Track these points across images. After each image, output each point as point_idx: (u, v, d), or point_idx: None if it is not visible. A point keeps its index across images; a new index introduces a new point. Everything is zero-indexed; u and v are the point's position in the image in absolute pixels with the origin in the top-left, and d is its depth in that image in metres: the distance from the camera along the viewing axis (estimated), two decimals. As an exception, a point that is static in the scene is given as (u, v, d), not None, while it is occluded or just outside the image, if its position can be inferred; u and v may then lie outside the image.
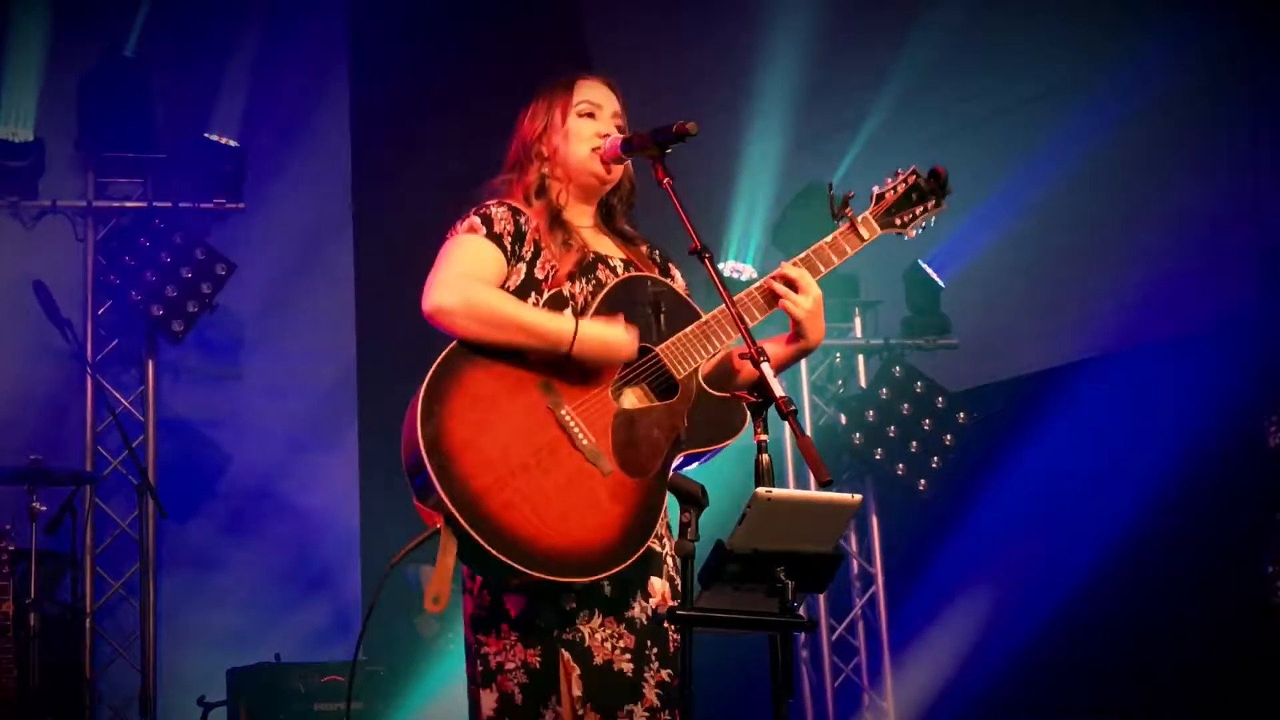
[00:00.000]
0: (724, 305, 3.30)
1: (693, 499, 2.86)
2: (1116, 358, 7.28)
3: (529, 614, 3.22)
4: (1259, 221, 7.03)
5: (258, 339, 8.23)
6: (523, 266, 3.40)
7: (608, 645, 3.25)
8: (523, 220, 3.44)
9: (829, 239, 3.51)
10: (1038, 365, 7.56)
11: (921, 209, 3.61)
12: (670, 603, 3.29)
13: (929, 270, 7.66)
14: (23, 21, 7.18)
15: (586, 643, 3.24)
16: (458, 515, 3.05)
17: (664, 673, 3.28)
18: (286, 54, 7.87)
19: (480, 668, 3.26)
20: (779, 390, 3.06)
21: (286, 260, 8.22)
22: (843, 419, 7.59)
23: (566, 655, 3.22)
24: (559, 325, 3.26)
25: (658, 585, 3.33)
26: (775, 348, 3.45)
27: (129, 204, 7.50)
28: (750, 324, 3.31)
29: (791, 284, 3.40)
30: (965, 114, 7.51)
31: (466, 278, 3.29)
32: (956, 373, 7.72)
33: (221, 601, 7.89)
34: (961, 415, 7.46)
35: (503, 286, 3.38)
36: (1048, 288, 7.52)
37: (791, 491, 2.86)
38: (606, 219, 3.62)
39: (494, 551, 3.05)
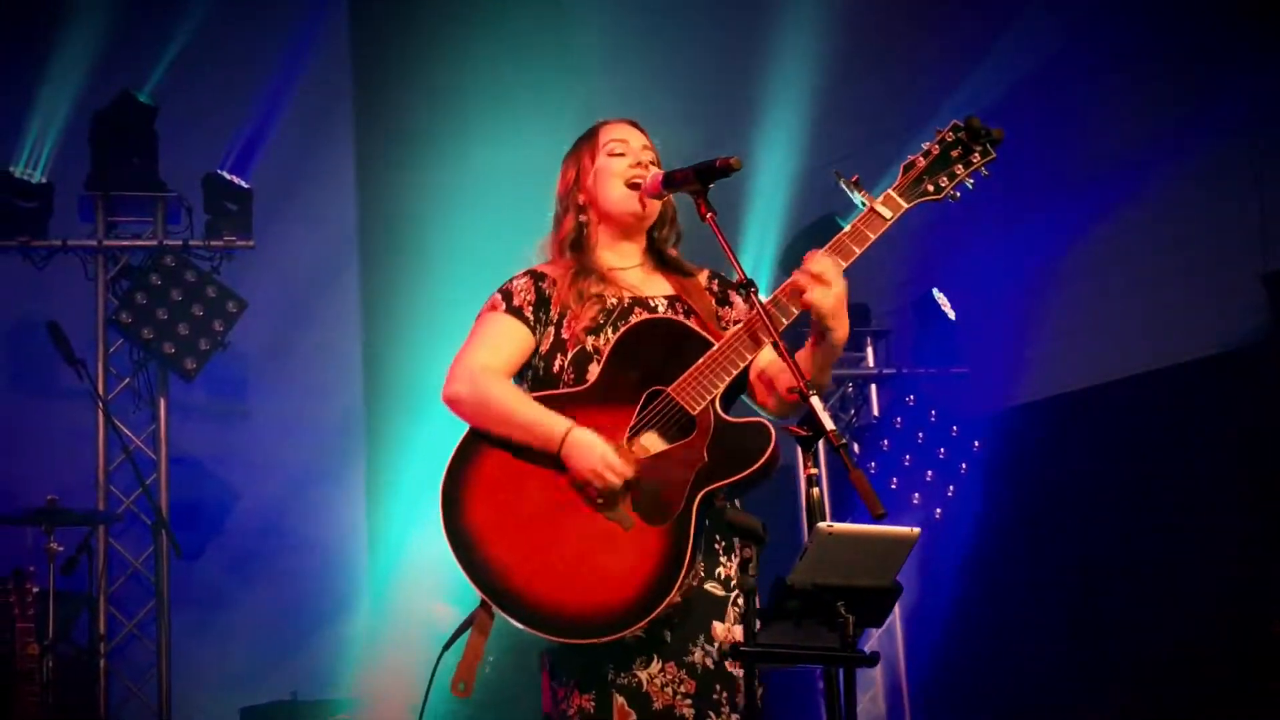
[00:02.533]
0: (733, 331, 3.27)
1: (753, 535, 2.86)
2: (1128, 382, 7.29)
3: (587, 659, 3.24)
4: (1266, 246, 7.06)
5: (265, 376, 8.24)
6: (552, 330, 3.44)
7: (668, 691, 3.25)
8: (545, 285, 3.48)
9: (847, 228, 3.29)
10: (1051, 390, 7.57)
11: (964, 165, 3.31)
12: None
13: (941, 300, 7.66)
14: (58, 70, 7.20)
15: (645, 688, 3.24)
16: (486, 597, 3.19)
17: (735, 716, 3.26)
18: (294, 96, 7.91)
19: (553, 711, 3.32)
20: (829, 423, 3.04)
21: (294, 298, 8.23)
22: (856, 448, 7.61)
23: (620, 701, 3.22)
24: (555, 429, 3.26)
25: (720, 629, 3.30)
26: (802, 352, 3.30)
27: (139, 243, 7.49)
28: (779, 327, 3.20)
29: (816, 277, 3.21)
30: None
31: (482, 368, 3.38)
32: (969, 400, 7.73)
33: (231, 639, 7.87)
34: (976, 443, 7.47)
35: (533, 352, 3.43)
36: (1059, 313, 7.54)
37: (852, 526, 2.84)
38: (657, 255, 3.60)
39: (529, 628, 3.16)
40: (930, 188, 3.31)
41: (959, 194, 3.32)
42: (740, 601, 3.27)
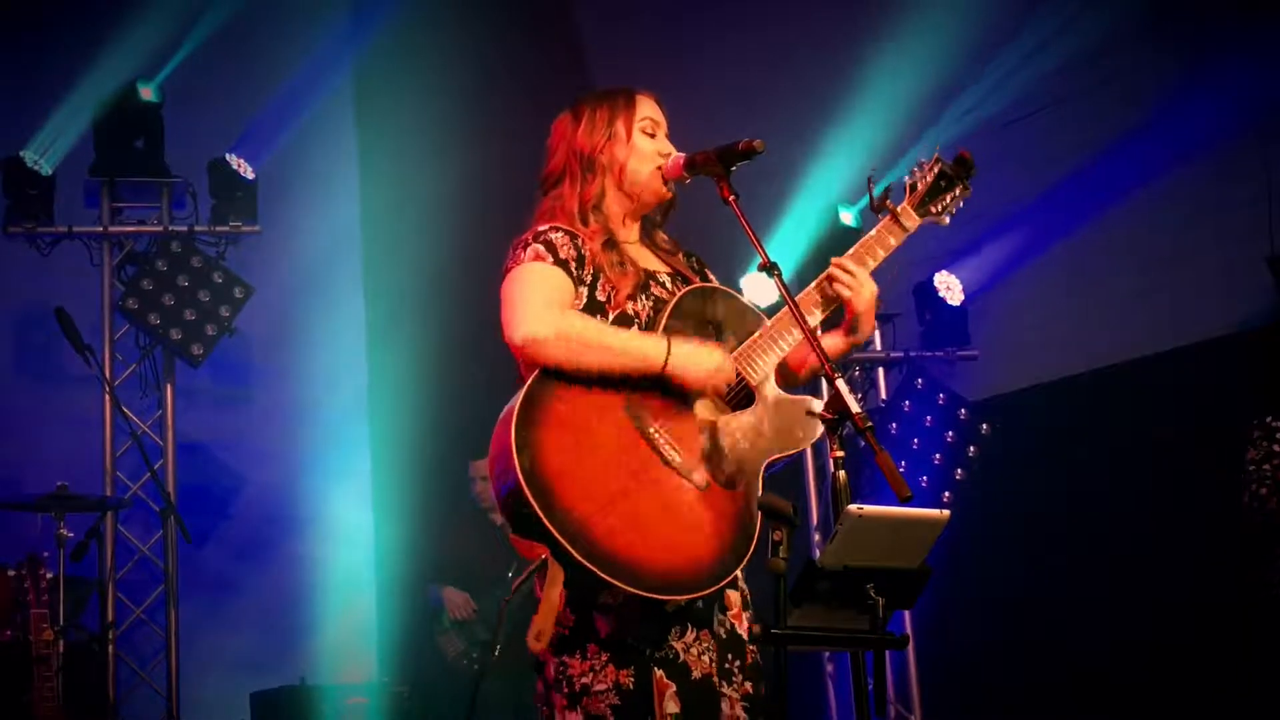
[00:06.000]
0: (785, 310, 3.34)
1: (784, 517, 2.86)
2: (1135, 365, 7.30)
3: (621, 633, 3.19)
4: (1271, 228, 7.06)
5: (270, 362, 8.26)
6: (584, 290, 3.37)
7: (704, 659, 3.24)
8: (580, 243, 3.41)
9: (873, 233, 3.51)
10: (1058, 374, 7.58)
11: (950, 196, 3.59)
12: (742, 612, 3.33)
13: (941, 285, 7.62)
14: (95, 72, 7.20)
15: (682, 658, 3.22)
16: (568, 546, 3.02)
17: (747, 685, 3.28)
18: (299, 86, 7.90)
19: (567, 689, 3.21)
20: (855, 406, 3.07)
21: (299, 283, 8.24)
22: (867, 432, 7.56)
23: (660, 674, 3.19)
24: (652, 345, 3.26)
25: (734, 598, 3.34)
26: (830, 340, 3.47)
27: (145, 228, 7.47)
28: (812, 325, 3.37)
29: (847, 271, 3.43)
30: (983, 124, 7.54)
31: (551, 306, 3.27)
32: (978, 383, 7.73)
33: (239, 624, 7.89)
34: (984, 426, 7.46)
35: None
36: (1066, 296, 7.55)
37: (882, 508, 2.85)
38: (647, 232, 3.60)
39: (610, 578, 3.03)
40: (934, 209, 3.58)
41: (948, 220, 3.63)
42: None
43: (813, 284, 3.45)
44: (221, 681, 7.51)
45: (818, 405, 3.36)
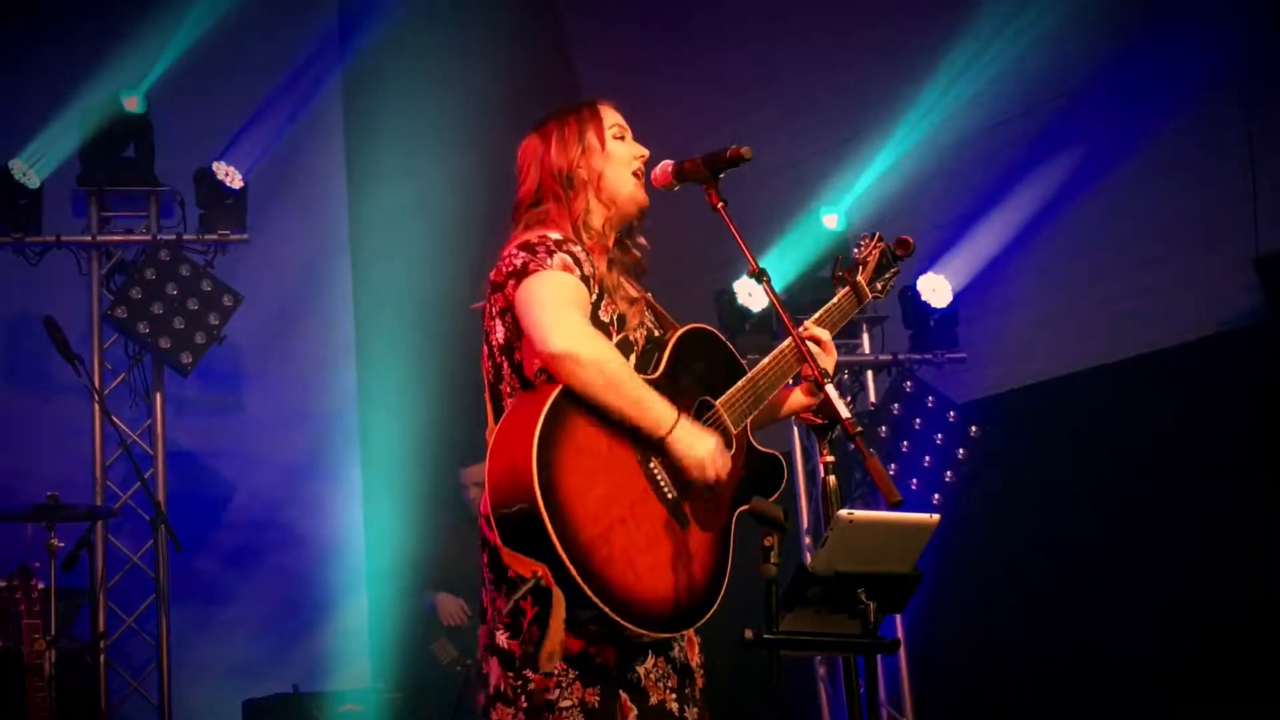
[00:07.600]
0: (766, 360, 3.45)
1: (775, 523, 2.88)
2: (1122, 366, 7.32)
3: (589, 653, 3.18)
4: (1256, 228, 7.09)
5: (260, 370, 8.27)
6: (589, 308, 3.31)
7: (660, 685, 3.26)
8: (592, 262, 3.34)
9: (834, 301, 3.69)
10: (1046, 375, 7.59)
11: (891, 272, 3.82)
12: (694, 638, 3.38)
13: (926, 288, 7.63)
14: (83, 83, 7.20)
15: (642, 683, 3.24)
16: (573, 570, 2.98)
17: (692, 710, 3.31)
18: (286, 94, 7.90)
19: (526, 704, 3.18)
20: (845, 411, 3.11)
21: (288, 291, 8.25)
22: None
23: (625, 697, 3.21)
24: (663, 414, 3.19)
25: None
26: (794, 398, 3.59)
27: (133, 237, 7.47)
28: (783, 379, 3.47)
29: (817, 341, 3.51)
30: (966, 124, 7.56)
31: (593, 330, 3.21)
32: (967, 385, 7.74)
33: (231, 633, 7.90)
34: (974, 428, 7.47)
35: None
36: (1053, 297, 7.56)
37: (872, 513, 2.87)
38: (624, 248, 3.53)
39: (605, 606, 3.00)
40: (878, 285, 3.81)
41: (883, 298, 3.88)
42: None
43: (785, 343, 3.49)
44: (214, 690, 7.52)
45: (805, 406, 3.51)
